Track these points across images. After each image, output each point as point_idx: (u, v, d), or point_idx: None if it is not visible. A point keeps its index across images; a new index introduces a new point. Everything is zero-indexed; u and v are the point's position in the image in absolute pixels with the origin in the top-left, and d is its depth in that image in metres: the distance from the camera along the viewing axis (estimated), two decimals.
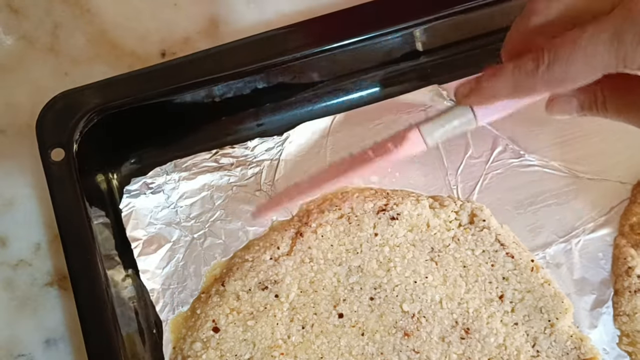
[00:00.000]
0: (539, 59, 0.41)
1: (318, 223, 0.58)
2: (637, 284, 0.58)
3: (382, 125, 0.66)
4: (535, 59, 0.42)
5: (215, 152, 0.63)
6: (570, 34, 0.39)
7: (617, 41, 0.37)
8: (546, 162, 0.65)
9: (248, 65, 0.61)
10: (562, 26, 0.42)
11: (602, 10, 0.39)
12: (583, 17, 0.41)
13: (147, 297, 0.58)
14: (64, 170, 0.56)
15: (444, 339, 0.55)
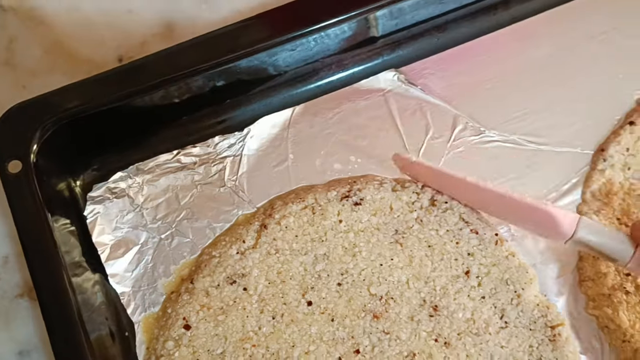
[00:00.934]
0: None
1: (281, 215, 0.59)
2: None
3: (342, 114, 0.67)
4: None
5: (177, 153, 0.64)
6: None
7: None
8: (506, 136, 0.66)
9: (203, 63, 0.61)
10: None
11: None
12: None
13: (117, 301, 0.58)
14: (22, 182, 0.56)
15: (412, 318, 0.56)
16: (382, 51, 0.70)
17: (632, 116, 0.65)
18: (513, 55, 0.70)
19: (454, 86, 0.69)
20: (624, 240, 0.51)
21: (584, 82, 0.68)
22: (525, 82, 0.68)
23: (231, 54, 0.61)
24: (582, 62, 0.69)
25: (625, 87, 0.68)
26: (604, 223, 0.60)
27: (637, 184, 0.62)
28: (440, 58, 0.70)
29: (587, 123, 0.66)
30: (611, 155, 0.63)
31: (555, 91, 0.68)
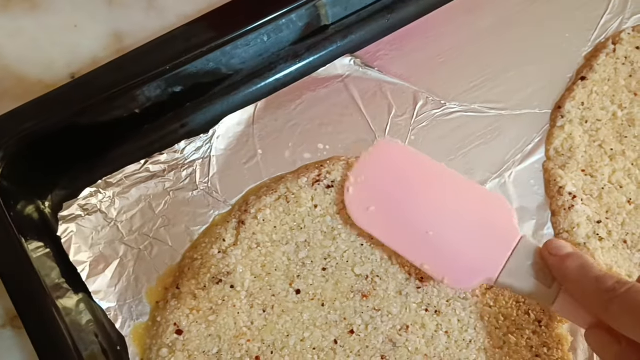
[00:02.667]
0: (627, 282, 0.45)
1: (257, 208, 0.59)
2: (569, 201, 0.61)
3: (304, 104, 0.68)
4: (623, 281, 0.45)
5: (145, 162, 0.63)
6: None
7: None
8: (467, 106, 0.68)
9: (156, 69, 0.61)
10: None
11: None
12: None
13: (104, 317, 0.58)
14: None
15: (401, 292, 0.57)
16: (335, 38, 0.71)
17: (583, 72, 0.68)
18: (462, 27, 0.72)
19: (409, 64, 0.70)
20: (546, 283, 0.52)
21: (533, 45, 0.70)
22: (477, 51, 0.70)
23: (183, 57, 0.61)
24: (529, 26, 0.71)
25: (572, 45, 0.71)
26: (571, 176, 0.62)
27: (596, 135, 0.64)
28: (393, 38, 0.71)
29: (541, 84, 0.69)
30: (568, 111, 0.65)
31: (507, 57, 0.70)
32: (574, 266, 0.49)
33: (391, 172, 0.58)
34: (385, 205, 0.57)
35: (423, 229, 0.55)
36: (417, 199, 0.57)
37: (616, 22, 0.71)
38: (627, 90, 0.66)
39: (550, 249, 0.52)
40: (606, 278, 0.47)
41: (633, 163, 0.62)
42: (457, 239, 0.55)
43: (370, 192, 0.58)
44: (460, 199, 0.57)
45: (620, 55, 0.67)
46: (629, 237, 0.59)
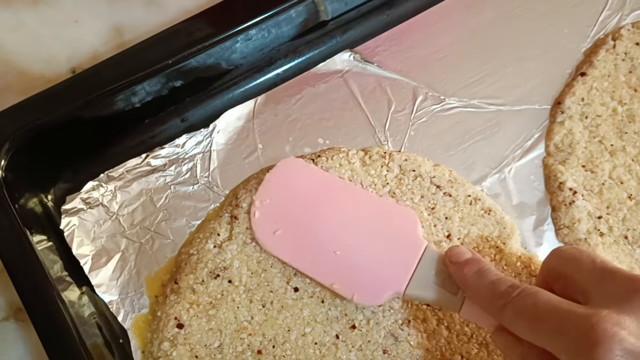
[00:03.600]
0: (519, 286, 0.46)
1: (248, 203, 0.59)
2: (570, 197, 0.60)
3: (304, 99, 0.67)
4: (515, 285, 0.46)
5: (145, 156, 0.63)
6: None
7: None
8: (466, 102, 0.67)
9: (157, 64, 0.60)
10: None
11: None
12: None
13: (107, 310, 0.58)
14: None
15: None
16: (335, 33, 0.70)
17: (582, 68, 0.67)
18: (461, 22, 0.71)
19: (408, 60, 0.70)
20: (452, 291, 0.52)
21: (532, 40, 0.70)
22: (476, 47, 0.70)
23: (183, 52, 0.61)
24: (528, 22, 0.71)
25: (571, 41, 0.70)
26: (571, 172, 0.61)
27: (596, 131, 0.64)
28: (392, 34, 0.71)
29: (540, 79, 0.68)
30: (568, 106, 0.65)
31: (506, 53, 0.70)
32: (471, 272, 0.50)
33: (295, 193, 0.58)
34: (292, 228, 0.56)
35: (330, 249, 0.55)
36: (322, 218, 0.56)
37: (615, 18, 0.71)
38: (627, 86, 0.66)
39: (450, 257, 0.52)
40: (500, 282, 0.47)
41: (633, 159, 0.62)
42: (364, 255, 0.55)
43: (276, 215, 0.57)
44: (365, 214, 0.57)
45: (620, 51, 0.67)
46: (629, 233, 0.59)
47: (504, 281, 0.47)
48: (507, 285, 0.46)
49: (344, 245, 0.55)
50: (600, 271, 0.44)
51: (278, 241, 0.56)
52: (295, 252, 0.56)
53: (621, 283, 0.42)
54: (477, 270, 0.49)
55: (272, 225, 0.57)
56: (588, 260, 0.46)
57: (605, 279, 0.44)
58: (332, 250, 0.55)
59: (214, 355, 0.54)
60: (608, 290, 0.43)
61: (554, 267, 0.49)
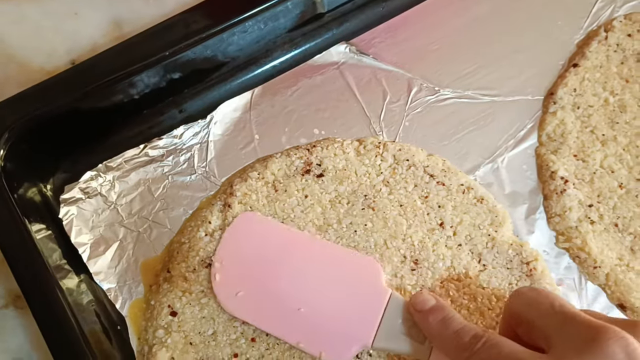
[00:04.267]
0: (482, 336, 0.44)
1: (243, 192, 0.59)
2: (561, 185, 0.60)
3: (300, 90, 0.67)
4: (478, 335, 0.44)
5: (144, 147, 0.63)
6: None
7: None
8: (460, 93, 0.67)
9: (155, 55, 0.60)
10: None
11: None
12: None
13: (105, 298, 0.58)
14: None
15: (396, 275, 0.57)
16: (331, 25, 0.70)
17: (575, 59, 0.67)
18: (456, 15, 0.71)
19: (404, 51, 0.69)
20: (419, 339, 0.51)
21: (526, 32, 0.70)
22: (471, 39, 0.70)
23: (181, 44, 0.61)
24: (522, 14, 0.71)
25: (565, 32, 0.70)
26: (563, 161, 0.61)
27: (588, 121, 0.64)
28: (387, 26, 0.71)
29: (534, 71, 0.68)
30: (560, 97, 0.64)
31: (501, 44, 0.69)
32: (436, 321, 0.48)
33: (254, 250, 0.56)
34: (253, 287, 0.54)
35: (294, 306, 0.53)
36: (283, 274, 0.55)
37: (608, 10, 0.70)
38: (619, 77, 0.65)
39: (415, 304, 0.50)
40: (464, 332, 0.45)
41: (624, 148, 0.62)
42: (328, 310, 0.53)
43: (237, 276, 0.55)
44: (326, 267, 0.55)
45: (612, 42, 0.67)
46: (620, 221, 0.59)
47: (468, 330, 0.45)
48: (471, 335, 0.44)
49: (307, 302, 0.53)
50: (561, 315, 0.43)
51: (240, 303, 0.54)
52: (258, 313, 0.54)
53: (581, 330, 0.41)
54: (442, 319, 0.47)
55: (233, 286, 0.54)
56: (547, 303, 0.44)
57: (565, 324, 0.42)
58: (295, 307, 0.53)
59: (208, 342, 0.54)
60: (569, 336, 0.42)
61: (515, 311, 0.47)
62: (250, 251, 0.56)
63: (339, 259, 0.56)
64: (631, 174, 0.60)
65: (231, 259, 0.56)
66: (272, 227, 0.57)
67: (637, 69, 0.65)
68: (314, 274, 0.55)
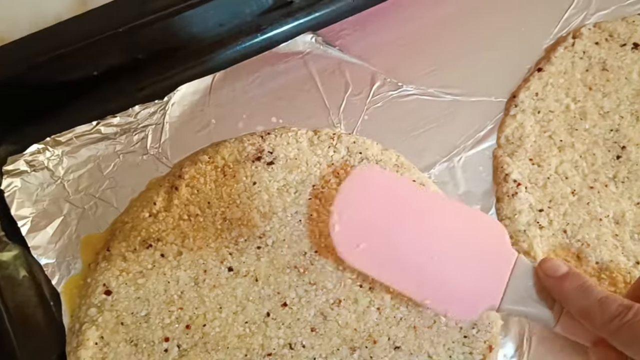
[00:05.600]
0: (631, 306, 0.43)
1: (191, 175, 0.56)
2: (513, 188, 0.58)
3: (262, 78, 0.65)
4: (627, 305, 0.43)
5: (96, 123, 0.60)
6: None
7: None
8: (423, 90, 0.65)
9: (114, 29, 0.58)
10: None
11: None
12: None
13: (41, 273, 0.55)
14: None
15: (338, 267, 0.54)
16: (299, 14, 0.68)
17: (541, 63, 0.65)
18: (426, 12, 0.69)
19: (371, 45, 0.67)
20: (547, 304, 0.49)
21: (495, 34, 0.67)
22: (439, 37, 0.67)
23: (141, 20, 0.58)
24: (493, 15, 0.68)
25: (534, 37, 0.68)
26: (518, 164, 0.59)
27: (547, 126, 0.61)
28: (357, 18, 0.68)
29: (500, 73, 0.66)
30: (522, 100, 0.62)
31: (469, 44, 0.67)
32: (572, 287, 0.46)
33: (376, 204, 0.52)
34: (376, 241, 0.51)
35: (418, 262, 0.50)
36: (408, 230, 0.51)
37: (579, 17, 0.68)
38: (583, 84, 0.63)
39: (546, 269, 0.48)
40: (609, 301, 0.44)
41: (581, 155, 0.59)
42: (454, 268, 0.50)
43: (358, 228, 0.51)
44: (451, 224, 0.52)
45: (579, 49, 0.64)
46: (569, 227, 0.57)
47: (613, 299, 0.44)
48: (618, 303, 0.43)
49: (432, 259, 0.50)
50: None
51: (363, 255, 0.51)
52: (382, 267, 0.50)
53: None
54: (580, 286, 0.45)
55: (354, 238, 0.51)
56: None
57: None
58: (420, 264, 0.50)
59: (140, 323, 0.52)
60: None
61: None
62: (370, 204, 0.52)
63: (464, 217, 0.52)
64: (585, 181, 0.58)
65: (351, 211, 0.51)
66: (394, 180, 0.54)
67: (601, 77, 0.63)
68: (439, 230, 0.51)
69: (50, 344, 0.53)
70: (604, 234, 0.56)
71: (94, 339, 0.51)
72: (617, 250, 0.55)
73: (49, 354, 0.53)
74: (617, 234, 0.56)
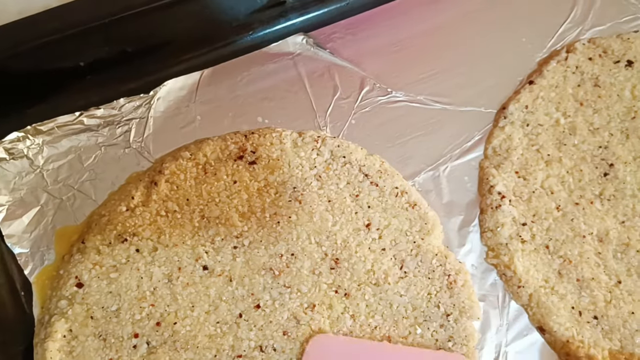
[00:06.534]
0: None
1: (171, 171, 0.56)
2: (497, 201, 0.57)
3: (250, 77, 0.64)
4: None
5: (79, 114, 0.60)
6: None
7: None
8: (413, 97, 0.64)
9: (98, 20, 0.57)
10: None
11: None
12: None
13: (14, 262, 0.54)
14: None
15: (314, 272, 0.53)
16: (292, 15, 0.67)
17: (532, 76, 0.64)
18: (420, 19, 0.68)
19: (362, 49, 0.67)
20: None
21: (489, 44, 0.67)
22: (431, 45, 0.67)
23: (127, 12, 0.57)
24: (487, 25, 0.68)
25: (528, 49, 0.67)
26: (503, 176, 0.58)
27: (535, 140, 0.60)
28: (349, 22, 0.68)
29: (491, 84, 0.65)
30: (511, 112, 0.61)
31: (461, 54, 0.66)
32: None
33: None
34: None
35: None
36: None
37: (575, 32, 0.68)
38: (574, 99, 0.62)
39: None
40: None
41: (568, 171, 0.59)
42: None
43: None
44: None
45: (572, 64, 0.64)
46: (551, 243, 0.56)
47: None
48: None
49: None
50: None
51: None
52: None
53: None
54: None
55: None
56: None
57: None
58: None
59: (110, 318, 0.51)
60: None
61: None
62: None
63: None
64: (570, 197, 0.57)
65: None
66: (352, 346, 0.51)
67: (593, 93, 0.62)
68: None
69: (18, 335, 0.52)
70: (587, 251, 0.55)
71: (63, 331, 0.50)
72: (599, 269, 0.54)
73: (17, 345, 0.52)
74: (600, 252, 0.55)
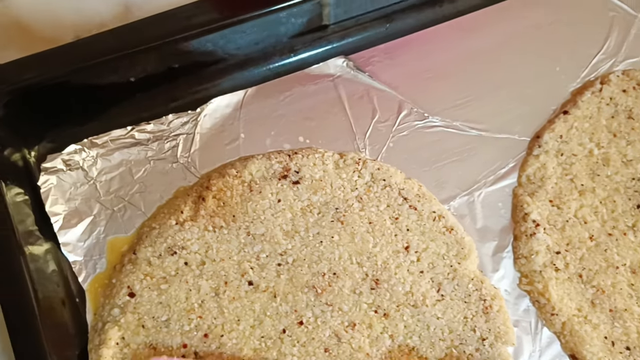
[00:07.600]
0: None
1: (218, 187, 0.58)
2: (532, 228, 0.59)
3: (292, 97, 0.67)
4: None
5: (131, 129, 0.62)
6: None
7: None
8: (449, 122, 0.66)
9: (156, 41, 0.60)
10: None
11: None
12: None
13: (69, 269, 0.57)
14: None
15: (355, 291, 0.56)
16: (333, 38, 0.69)
17: (567, 106, 0.66)
18: (457, 45, 0.70)
19: (400, 74, 0.69)
20: None
21: (523, 73, 0.69)
22: (468, 71, 0.69)
23: (182, 34, 0.60)
24: (522, 54, 0.70)
25: (562, 79, 0.69)
26: (538, 204, 0.60)
27: (569, 169, 0.62)
28: (388, 47, 0.70)
29: (525, 112, 0.67)
30: (546, 142, 0.63)
31: (496, 81, 0.68)
32: None
33: None
34: None
35: None
36: None
37: (608, 63, 0.69)
38: (607, 130, 0.64)
39: None
40: None
41: (601, 201, 0.61)
42: None
43: None
44: None
45: (606, 95, 0.66)
46: (585, 272, 0.58)
47: None
48: None
49: None
50: None
51: None
52: None
53: None
54: None
55: None
56: None
57: None
58: None
59: (160, 327, 0.54)
60: None
61: None
62: None
63: None
64: (604, 228, 0.59)
65: None
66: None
67: (626, 125, 0.64)
68: None
69: (73, 338, 0.55)
70: (620, 282, 0.57)
71: (116, 339, 0.53)
72: (632, 300, 0.56)
73: (73, 349, 0.54)
74: (633, 283, 0.57)
